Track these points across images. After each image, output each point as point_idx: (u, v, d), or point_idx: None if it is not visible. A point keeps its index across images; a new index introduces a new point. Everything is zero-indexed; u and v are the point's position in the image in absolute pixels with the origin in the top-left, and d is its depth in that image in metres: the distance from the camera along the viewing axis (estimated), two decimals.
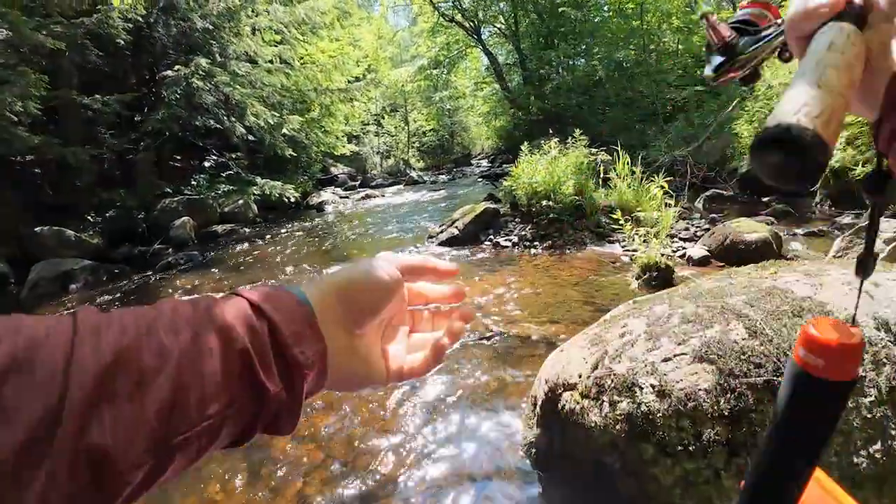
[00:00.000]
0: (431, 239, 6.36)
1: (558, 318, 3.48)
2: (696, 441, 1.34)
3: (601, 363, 1.59)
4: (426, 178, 17.42)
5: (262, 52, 11.79)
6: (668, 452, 1.36)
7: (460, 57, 21.85)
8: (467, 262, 5.35)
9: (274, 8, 12.35)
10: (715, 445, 1.33)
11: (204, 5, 10.52)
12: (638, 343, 1.58)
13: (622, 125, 13.18)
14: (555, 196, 5.72)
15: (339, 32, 18.08)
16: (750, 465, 0.45)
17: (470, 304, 4.01)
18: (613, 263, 4.67)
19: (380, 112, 23.97)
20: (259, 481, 2.23)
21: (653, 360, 1.49)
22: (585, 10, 16.32)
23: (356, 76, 17.05)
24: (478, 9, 19.44)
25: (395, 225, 8.46)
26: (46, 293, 6.30)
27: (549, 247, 5.36)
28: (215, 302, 0.37)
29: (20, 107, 7.02)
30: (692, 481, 1.34)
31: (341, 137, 15.62)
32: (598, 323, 2.05)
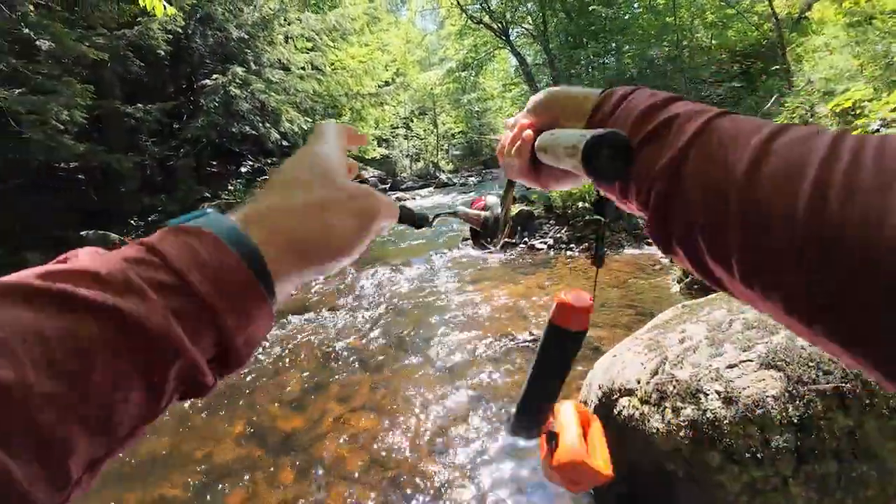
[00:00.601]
0: (465, 242, 6.37)
1: (599, 322, 3.44)
2: (764, 448, 1.32)
3: (661, 369, 1.57)
4: (456, 181, 17.49)
5: (295, 59, 12.03)
6: (735, 460, 1.34)
7: (488, 59, 21.83)
8: (502, 264, 5.34)
9: (306, 16, 12.59)
10: (783, 452, 1.30)
11: (239, 15, 10.79)
12: (700, 349, 1.55)
13: None
14: (590, 197, 5.66)
15: (369, 38, 18.29)
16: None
17: (508, 306, 4.01)
18: (653, 266, 4.59)
19: (409, 115, 24.15)
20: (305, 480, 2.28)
21: (717, 366, 1.47)
22: (615, 7, 16.10)
23: (385, 80, 17.22)
24: (506, 10, 19.38)
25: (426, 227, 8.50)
26: None
27: (584, 249, 5.32)
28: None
29: (66, 115, 7.30)
30: (759, 489, 1.32)
31: (371, 141, 15.78)
32: (649, 328, 2.03)
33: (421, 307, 4.28)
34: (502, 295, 4.26)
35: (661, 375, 1.54)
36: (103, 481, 2.42)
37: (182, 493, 2.31)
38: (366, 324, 4.08)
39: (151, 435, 2.76)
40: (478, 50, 21.06)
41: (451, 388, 2.86)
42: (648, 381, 1.58)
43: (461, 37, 21.32)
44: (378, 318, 4.16)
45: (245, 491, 2.27)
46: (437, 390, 2.86)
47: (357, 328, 4.02)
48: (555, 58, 17.96)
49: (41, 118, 7.22)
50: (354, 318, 4.23)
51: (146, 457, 2.60)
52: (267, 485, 2.29)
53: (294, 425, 2.76)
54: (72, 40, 7.51)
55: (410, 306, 4.34)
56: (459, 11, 20.10)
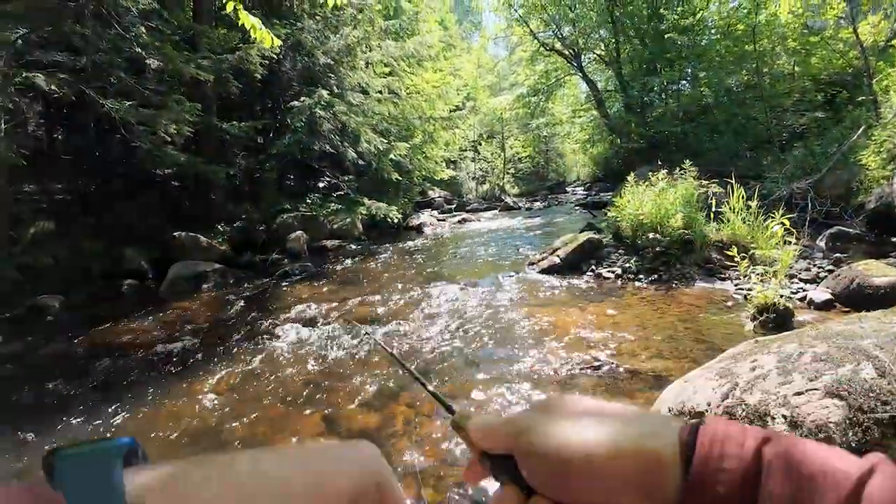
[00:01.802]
0: (532, 266, 6.50)
1: (667, 354, 3.49)
2: None
3: (732, 394, 1.69)
4: (521, 205, 17.62)
5: (374, 83, 12.71)
6: None
7: (559, 84, 22.00)
8: (569, 291, 5.44)
9: (386, 44, 13.30)
10: None
11: (326, 43, 11.57)
12: (770, 377, 1.67)
13: (732, 153, 12.60)
14: (662, 229, 5.66)
15: (442, 63, 18.95)
16: None
17: (574, 332, 4.12)
18: (725, 302, 4.55)
19: (477, 138, 24.60)
20: None
21: (785, 393, 1.58)
22: (691, 34, 15.90)
23: (457, 105, 17.73)
24: (578, 37, 19.57)
25: (492, 250, 8.69)
26: (182, 290, 7.15)
27: (654, 280, 5.31)
28: None
29: (174, 129, 8.09)
30: None
31: (440, 163, 16.27)
32: (721, 359, 2.13)
33: (487, 326, 4.45)
34: (568, 321, 4.37)
35: (731, 399, 1.67)
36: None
37: None
38: (433, 338, 4.30)
39: (230, 422, 3.08)
40: (548, 76, 21.29)
41: (513, 405, 3.01)
42: (719, 404, 1.70)
43: (532, 63, 21.65)
44: (446, 333, 4.37)
45: None
46: (501, 406, 3.02)
47: (425, 341, 4.24)
48: (627, 84, 17.90)
49: (150, 129, 8.04)
50: (422, 332, 4.45)
51: (222, 441, 2.89)
52: None
53: (367, 424, 2.97)
54: (181, 62, 8.36)
55: (477, 324, 4.51)
56: (531, 38, 20.48)
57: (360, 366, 3.79)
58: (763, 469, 0.32)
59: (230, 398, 3.43)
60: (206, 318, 5.57)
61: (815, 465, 0.31)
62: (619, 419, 0.37)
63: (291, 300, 6.03)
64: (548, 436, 0.38)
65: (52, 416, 3.34)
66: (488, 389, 3.21)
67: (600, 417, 0.38)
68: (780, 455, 0.32)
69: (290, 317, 5.21)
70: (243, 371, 3.88)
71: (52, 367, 4.37)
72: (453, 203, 18.17)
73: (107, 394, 3.65)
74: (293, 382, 3.60)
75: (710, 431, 0.34)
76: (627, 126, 17.02)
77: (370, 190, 12.90)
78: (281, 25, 9.90)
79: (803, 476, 0.31)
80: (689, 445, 0.34)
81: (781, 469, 0.31)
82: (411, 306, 5.25)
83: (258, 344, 4.44)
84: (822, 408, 1.50)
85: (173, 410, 3.31)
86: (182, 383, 3.76)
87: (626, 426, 0.37)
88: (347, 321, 4.87)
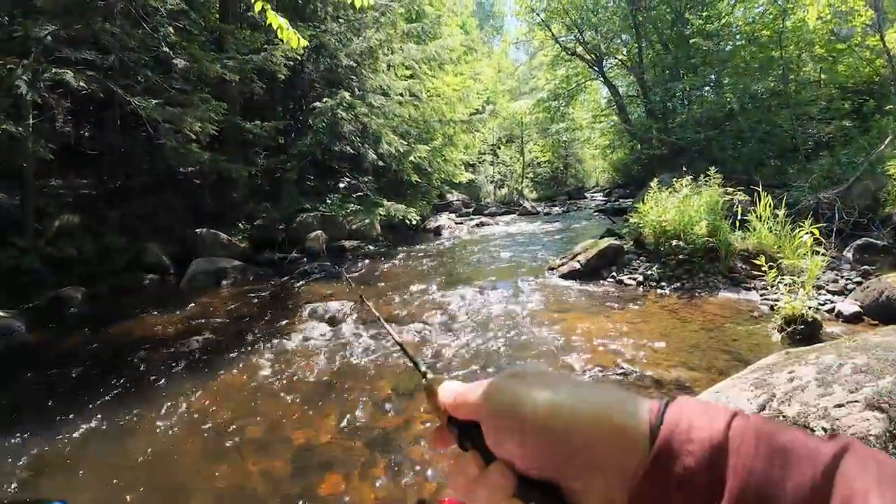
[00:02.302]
0: (552, 271, 6.44)
1: (692, 364, 3.42)
2: None
3: (769, 405, 1.64)
4: (540, 210, 17.52)
5: (395, 85, 12.75)
6: None
7: (579, 89, 21.87)
8: (590, 297, 5.37)
9: (408, 46, 13.34)
10: None
11: (348, 45, 11.65)
12: (808, 389, 1.61)
13: (756, 161, 12.38)
14: (685, 236, 5.56)
15: (463, 67, 18.96)
16: None
17: (594, 338, 4.06)
18: (751, 312, 4.45)
19: (496, 142, 24.56)
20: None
21: (825, 405, 1.52)
22: (716, 39, 15.68)
23: (476, 108, 17.73)
24: (600, 42, 19.45)
25: (511, 253, 8.64)
26: (202, 285, 7.24)
27: (677, 288, 5.22)
28: None
29: (199, 127, 8.19)
30: None
31: (459, 166, 16.26)
32: (754, 369, 2.07)
33: (506, 330, 4.41)
34: (589, 327, 4.31)
35: (769, 411, 1.61)
36: (195, 458, 2.74)
37: (281, 472, 2.56)
38: (453, 340, 4.27)
39: (248, 418, 3.09)
40: (569, 80, 21.20)
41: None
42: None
43: (553, 67, 21.59)
44: (464, 336, 4.34)
45: (340, 478, 2.48)
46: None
47: (445, 343, 4.22)
48: (649, 89, 17.72)
49: (176, 128, 8.15)
50: (441, 335, 4.43)
51: (245, 436, 2.90)
52: (360, 476, 2.49)
53: (386, 425, 2.96)
54: (207, 61, 8.47)
55: (497, 328, 4.48)
56: (553, 43, 20.40)
57: (377, 366, 3.78)
58: (732, 441, 0.31)
59: (249, 394, 3.44)
60: (225, 314, 5.61)
61: (787, 440, 0.30)
62: (588, 389, 0.36)
63: (310, 299, 6.04)
64: (513, 401, 0.37)
65: (73, 405, 3.37)
66: None
67: (569, 387, 0.37)
68: (750, 429, 0.31)
69: (308, 315, 5.23)
70: (262, 368, 3.89)
71: (74, 357, 4.43)
72: (471, 206, 18.14)
73: (126, 385, 3.69)
74: (311, 381, 3.60)
75: (678, 407, 0.34)
76: (649, 132, 16.82)
77: (389, 191, 12.93)
78: (305, 27, 9.97)
79: (775, 449, 0.30)
80: (657, 420, 0.33)
81: (752, 442, 0.30)
82: (430, 308, 5.23)
83: (277, 341, 4.45)
84: (862, 420, 1.45)
85: (193, 405, 3.32)
86: (201, 378, 3.78)
87: (594, 396, 0.36)
88: (364, 321, 4.86)
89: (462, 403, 0.41)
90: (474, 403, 0.39)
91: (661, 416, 0.33)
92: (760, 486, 0.29)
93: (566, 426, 0.34)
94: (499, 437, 0.37)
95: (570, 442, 0.34)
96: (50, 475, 2.66)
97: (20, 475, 2.66)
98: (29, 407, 3.42)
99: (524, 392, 0.37)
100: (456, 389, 0.42)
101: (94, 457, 2.81)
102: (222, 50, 9.32)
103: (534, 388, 0.37)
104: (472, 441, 0.40)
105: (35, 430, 3.07)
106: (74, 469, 2.70)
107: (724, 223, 5.58)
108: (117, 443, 2.94)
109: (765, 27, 13.96)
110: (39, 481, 2.61)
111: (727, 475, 0.30)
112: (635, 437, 0.32)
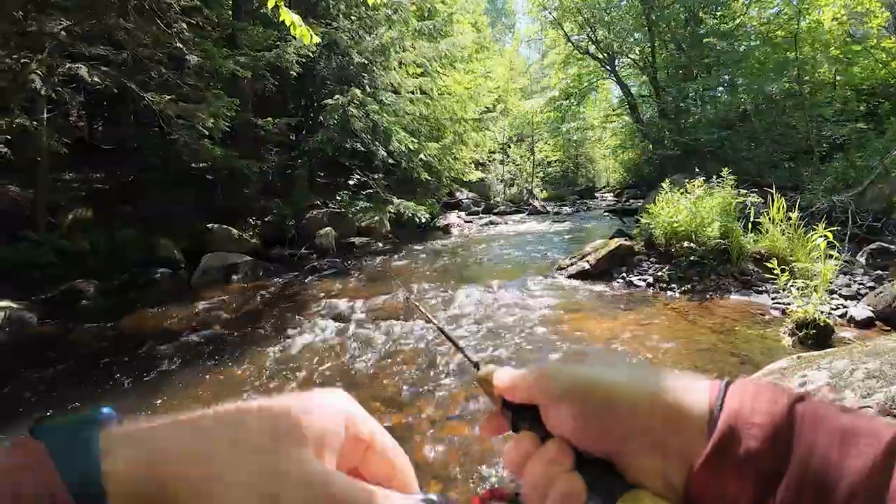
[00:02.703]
0: (561, 271, 6.40)
1: (702, 367, 3.39)
2: None
3: None
4: (549, 209, 17.47)
5: (406, 83, 12.74)
6: None
7: (591, 89, 21.74)
8: (598, 298, 5.34)
9: (420, 44, 13.33)
10: None
11: (361, 42, 11.66)
12: (820, 393, 1.59)
13: (770, 163, 12.25)
14: (697, 237, 5.51)
15: (475, 65, 18.91)
16: None
17: (602, 339, 4.04)
18: (762, 315, 4.41)
19: (507, 141, 24.51)
20: None
21: None
22: (730, 39, 15.52)
23: (487, 106, 17.70)
24: (613, 41, 19.32)
25: (520, 253, 8.62)
26: (213, 280, 7.30)
27: (687, 290, 5.16)
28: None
29: (211, 123, 8.24)
30: None
31: (469, 164, 16.25)
32: (763, 373, 2.05)
33: (513, 329, 4.40)
34: (597, 328, 4.29)
35: None
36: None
37: None
38: (462, 338, 4.27)
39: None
40: (581, 79, 21.07)
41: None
42: None
43: (565, 66, 21.47)
44: (475, 334, 4.34)
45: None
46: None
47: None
48: (662, 89, 17.57)
49: (188, 123, 8.21)
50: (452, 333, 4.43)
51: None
52: None
53: (392, 422, 2.96)
54: (220, 58, 8.51)
55: (503, 327, 4.47)
56: (565, 41, 20.29)
57: (386, 363, 3.78)
58: (796, 423, 0.31)
59: (259, 388, 3.46)
60: (235, 309, 5.65)
61: (849, 421, 0.30)
62: (648, 369, 0.37)
63: (320, 295, 6.07)
64: (575, 379, 0.37)
65: (85, 396, 3.41)
66: None
67: (628, 367, 0.37)
68: (813, 411, 0.31)
69: (318, 311, 5.25)
70: (271, 362, 3.91)
71: (85, 348, 4.48)
72: (481, 205, 18.12)
73: (138, 377, 3.72)
74: (320, 376, 3.62)
75: (740, 388, 0.34)
76: (661, 132, 16.69)
77: (399, 189, 12.95)
78: (317, 24, 10.00)
79: (837, 429, 0.30)
80: (718, 401, 0.33)
81: (815, 423, 0.30)
82: (438, 306, 5.23)
83: (287, 337, 4.48)
84: None
85: (202, 398, 3.35)
86: (211, 372, 3.80)
87: (654, 376, 0.36)
88: (373, 318, 4.87)
89: (521, 386, 0.41)
90: (533, 383, 0.39)
91: (721, 397, 0.33)
92: (821, 465, 0.29)
93: (628, 405, 0.34)
94: (558, 415, 0.37)
95: (632, 421, 0.34)
96: None
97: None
98: (42, 397, 3.47)
99: (585, 371, 0.37)
100: (512, 373, 0.43)
101: None
102: (235, 46, 9.37)
103: (595, 367, 0.38)
104: (528, 423, 0.40)
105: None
106: None
107: (736, 225, 5.51)
108: None
109: (780, 28, 13.81)
110: None
111: (790, 457, 0.30)
112: (696, 419, 0.32)
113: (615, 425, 0.34)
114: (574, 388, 0.36)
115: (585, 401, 0.35)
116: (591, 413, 0.35)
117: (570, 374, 0.37)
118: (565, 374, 0.38)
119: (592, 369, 0.37)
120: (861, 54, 12.10)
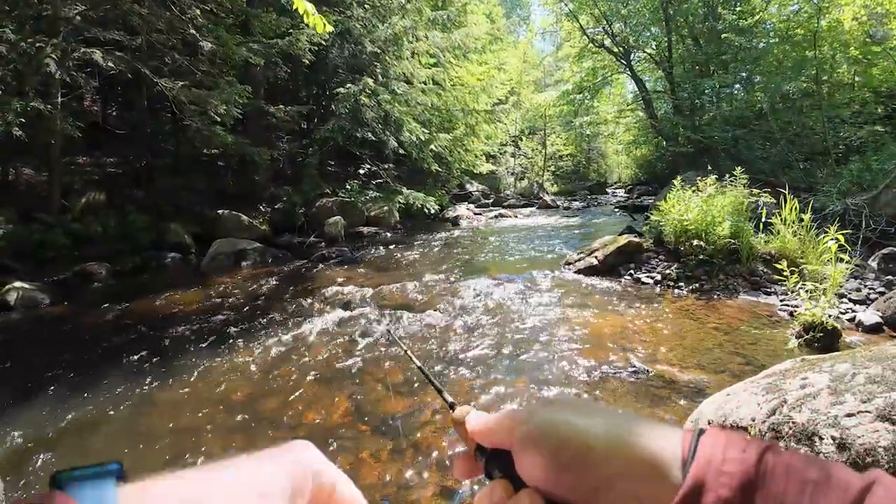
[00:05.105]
0: (568, 266, 6.39)
1: (706, 366, 3.38)
2: None
3: (779, 410, 1.62)
4: (559, 203, 17.38)
5: (418, 73, 12.72)
6: None
7: (605, 83, 21.53)
8: (605, 294, 5.33)
9: (433, 34, 13.26)
10: None
11: (373, 31, 11.62)
12: (820, 396, 1.59)
13: (784, 163, 12.10)
14: (707, 236, 5.46)
15: (488, 56, 18.77)
16: None
17: (608, 335, 4.04)
18: (769, 317, 4.38)
19: (518, 134, 24.37)
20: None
21: (836, 413, 1.50)
22: (749, 36, 15.27)
23: (500, 98, 17.59)
24: (628, 34, 19.08)
25: (528, 247, 8.61)
26: (222, 265, 7.38)
27: (695, 289, 5.13)
28: None
29: (224, 110, 8.28)
30: None
31: (480, 156, 16.19)
32: (767, 374, 2.05)
33: (518, 322, 4.41)
34: (603, 323, 4.29)
35: (779, 416, 1.60)
36: (214, 430, 2.82)
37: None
38: (467, 330, 4.28)
39: (264, 393, 3.17)
40: (595, 73, 20.86)
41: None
42: (764, 420, 1.64)
43: (579, 59, 21.27)
44: (477, 327, 4.35)
45: (350, 457, 2.52)
46: (528, 403, 2.99)
47: (458, 333, 4.23)
48: (677, 85, 17.35)
49: (201, 109, 8.25)
50: (454, 324, 4.44)
51: (259, 412, 2.97)
52: (369, 457, 2.53)
53: (394, 409, 2.99)
54: (234, 45, 8.54)
55: (508, 320, 4.48)
56: (580, 34, 20.08)
57: (390, 351, 3.81)
58: (765, 473, 0.31)
59: (265, 372, 3.51)
60: (244, 294, 5.71)
61: (818, 472, 0.30)
62: (622, 418, 0.37)
63: (327, 282, 6.11)
64: (547, 428, 0.37)
65: (97, 376, 3.48)
66: (515, 386, 3.18)
67: (602, 415, 0.37)
68: (783, 462, 0.31)
69: (324, 298, 5.30)
70: (277, 347, 3.96)
71: (97, 329, 4.57)
72: (491, 197, 18.08)
73: (147, 358, 3.79)
74: (325, 363, 3.65)
75: (712, 437, 0.34)
76: (675, 129, 16.50)
77: (409, 179, 12.96)
78: (330, 12, 9.98)
79: (807, 480, 0.30)
80: (691, 451, 0.33)
81: (784, 474, 0.31)
82: (444, 297, 5.25)
83: (294, 323, 4.52)
84: (872, 431, 1.43)
85: (210, 380, 3.40)
86: (219, 355, 3.86)
87: (628, 424, 0.36)
88: (380, 307, 4.91)
89: (493, 431, 0.41)
90: (506, 430, 0.40)
91: (694, 446, 0.33)
92: None
93: (601, 456, 0.34)
94: (530, 463, 0.37)
95: (605, 472, 0.34)
96: (82, 441, 2.76)
97: (56, 438, 2.77)
98: (53, 377, 3.54)
99: (558, 419, 0.37)
100: (485, 418, 0.43)
101: (119, 425, 2.92)
102: (248, 33, 9.39)
103: (567, 415, 0.38)
104: (501, 469, 0.40)
105: (62, 399, 3.19)
106: (102, 435, 2.82)
107: (747, 225, 5.46)
108: (139, 413, 3.03)
109: (799, 25, 13.56)
110: (73, 445, 2.71)
111: None
112: (669, 469, 0.33)
113: (588, 476, 0.34)
114: (547, 436, 0.36)
115: (559, 451, 0.35)
116: (564, 463, 0.35)
117: (542, 422, 0.38)
118: (537, 421, 0.38)
119: (565, 417, 0.37)
120: (881, 55, 11.86)
